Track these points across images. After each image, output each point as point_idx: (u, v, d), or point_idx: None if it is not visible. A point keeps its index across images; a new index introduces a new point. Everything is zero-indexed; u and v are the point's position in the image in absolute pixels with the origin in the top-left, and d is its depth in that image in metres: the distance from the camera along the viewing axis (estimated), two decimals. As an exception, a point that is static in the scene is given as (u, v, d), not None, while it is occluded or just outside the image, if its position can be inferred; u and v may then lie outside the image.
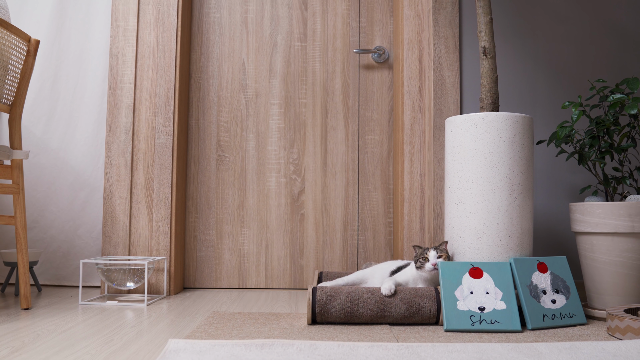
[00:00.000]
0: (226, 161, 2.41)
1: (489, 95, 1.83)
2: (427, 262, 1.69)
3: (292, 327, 1.56)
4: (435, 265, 1.68)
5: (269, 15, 2.44)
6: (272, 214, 2.39)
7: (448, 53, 2.21)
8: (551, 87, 2.25)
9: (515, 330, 1.54)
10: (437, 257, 1.69)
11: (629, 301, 1.73)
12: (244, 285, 2.38)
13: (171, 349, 1.25)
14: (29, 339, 1.41)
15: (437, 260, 1.68)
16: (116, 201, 2.18)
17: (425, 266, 1.69)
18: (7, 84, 1.84)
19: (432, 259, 1.69)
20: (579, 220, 1.80)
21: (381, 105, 2.42)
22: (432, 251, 1.70)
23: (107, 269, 2.01)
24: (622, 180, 1.85)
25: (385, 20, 2.43)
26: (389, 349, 1.28)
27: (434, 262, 1.68)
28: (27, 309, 1.85)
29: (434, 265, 1.68)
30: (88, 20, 2.42)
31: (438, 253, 1.70)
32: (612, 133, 1.85)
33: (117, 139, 2.19)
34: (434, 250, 1.70)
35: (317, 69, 2.43)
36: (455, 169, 1.78)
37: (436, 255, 1.69)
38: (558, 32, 2.26)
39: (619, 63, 2.26)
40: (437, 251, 1.70)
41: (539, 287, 1.65)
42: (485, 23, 1.85)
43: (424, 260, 1.70)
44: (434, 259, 1.69)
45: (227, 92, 2.42)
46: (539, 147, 2.23)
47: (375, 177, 2.41)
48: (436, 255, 1.69)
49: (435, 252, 1.70)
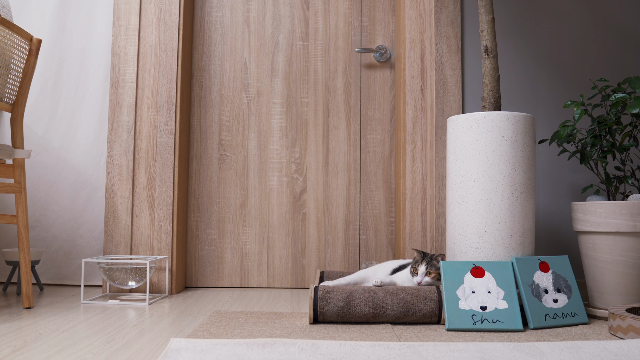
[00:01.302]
0: (228, 160, 2.41)
1: (490, 94, 1.83)
2: (416, 275, 1.68)
3: (294, 327, 1.56)
4: (420, 283, 1.67)
5: (271, 14, 2.44)
6: (273, 213, 2.39)
7: (450, 52, 2.21)
8: (553, 86, 2.25)
9: (517, 330, 1.54)
10: (425, 275, 1.67)
11: (631, 300, 1.73)
12: (245, 284, 2.38)
13: (173, 348, 1.25)
14: (31, 338, 1.42)
15: (424, 279, 1.66)
16: (118, 200, 2.18)
17: (414, 278, 1.69)
18: (9, 83, 1.84)
19: (420, 276, 1.67)
20: (580, 219, 1.80)
21: (383, 105, 2.42)
22: (422, 266, 1.68)
23: (108, 268, 2.01)
24: (624, 179, 1.85)
25: (387, 19, 2.43)
26: (390, 348, 1.28)
27: (419, 281, 1.67)
28: (29, 308, 1.85)
29: (419, 284, 1.67)
30: (90, 20, 2.42)
31: (427, 269, 1.67)
32: (614, 132, 1.85)
33: (119, 138, 2.19)
34: (424, 266, 1.68)
35: (319, 68, 2.43)
36: (457, 168, 1.78)
37: (424, 272, 1.67)
38: (560, 31, 2.26)
39: (621, 62, 2.25)
40: (427, 267, 1.67)
41: (541, 286, 1.65)
42: (487, 22, 1.84)
43: (414, 270, 1.70)
44: (421, 276, 1.67)
45: (228, 91, 2.42)
46: (541, 147, 2.23)
47: (377, 176, 2.41)
48: (424, 272, 1.67)
49: (425, 268, 1.67)
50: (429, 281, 1.67)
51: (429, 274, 1.67)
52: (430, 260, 1.69)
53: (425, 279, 1.67)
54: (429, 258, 1.70)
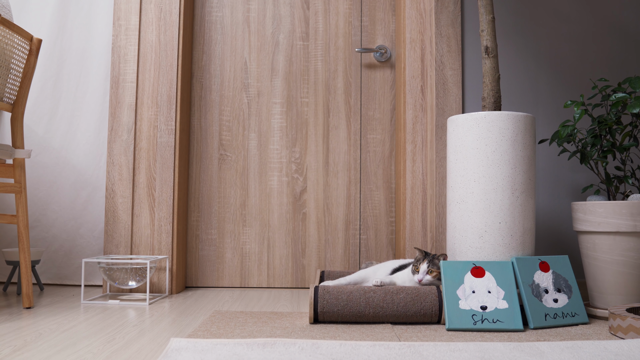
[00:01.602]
0: (228, 160, 2.41)
1: (491, 94, 1.83)
2: (417, 273, 1.69)
3: (294, 326, 1.56)
4: (421, 281, 1.67)
5: (271, 14, 2.44)
6: (274, 213, 2.39)
7: (450, 52, 2.21)
8: (553, 86, 2.25)
9: (517, 330, 1.54)
10: (426, 273, 1.67)
11: (631, 300, 1.73)
12: (245, 284, 2.38)
13: (173, 347, 1.25)
14: (31, 338, 1.42)
15: (425, 277, 1.67)
16: (118, 200, 2.18)
17: (414, 276, 1.70)
18: (9, 82, 1.84)
19: (421, 274, 1.68)
20: (581, 219, 1.80)
21: (383, 105, 2.42)
22: (424, 264, 1.68)
23: (109, 268, 2.01)
24: (624, 179, 1.85)
25: (387, 19, 2.43)
26: (391, 348, 1.28)
27: (420, 279, 1.67)
28: (29, 307, 1.85)
29: (419, 282, 1.68)
30: (90, 20, 2.42)
31: (429, 268, 1.67)
32: (614, 132, 1.85)
33: (119, 138, 2.19)
34: (426, 264, 1.68)
35: (319, 68, 2.43)
36: (457, 168, 1.78)
37: (426, 271, 1.67)
38: (560, 31, 2.26)
39: (621, 62, 2.25)
40: (429, 265, 1.68)
41: (541, 286, 1.65)
42: (487, 22, 1.84)
43: (415, 269, 1.70)
44: (422, 274, 1.67)
45: (229, 91, 2.42)
46: (541, 147, 2.23)
47: (377, 176, 2.41)
48: (426, 271, 1.67)
49: (427, 266, 1.68)
50: (430, 280, 1.67)
51: (431, 272, 1.67)
52: (432, 259, 1.69)
53: (426, 277, 1.67)
54: (431, 257, 1.70)
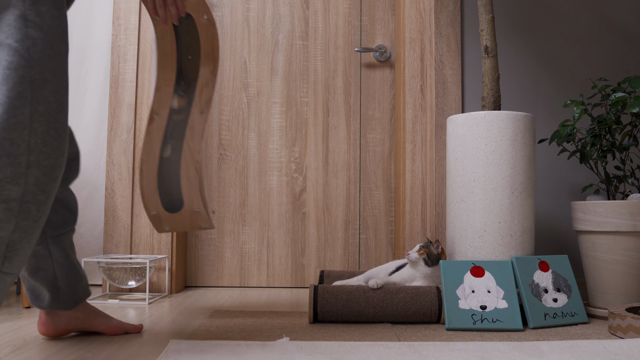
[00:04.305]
0: (228, 160, 2.41)
1: (490, 93, 1.83)
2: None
3: (293, 326, 1.56)
4: (409, 254, 1.73)
5: (271, 13, 2.44)
6: (273, 213, 2.39)
7: (450, 52, 2.21)
8: (553, 85, 2.25)
9: (517, 329, 1.54)
10: (416, 252, 1.72)
11: (631, 300, 1.73)
12: (245, 283, 2.38)
13: (172, 348, 1.25)
14: (31, 338, 1.42)
15: (414, 254, 1.72)
16: (118, 200, 2.18)
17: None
18: (8, 82, 1.84)
19: (412, 252, 1.73)
20: (580, 219, 1.80)
21: (383, 104, 2.42)
22: (417, 246, 1.75)
23: (108, 268, 2.01)
24: (624, 179, 1.85)
25: (386, 18, 2.43)
26: (390, 347, 1.28)
27: (409, 253, 1.73)
28: (29, 307, 1.85)
29: (408, 255, 1.73)
30: (89, 19, 2.42)
31: (421, 249, 1.73)
32: (613, 132, 1.85)
33: (119, 137, 2.19)
34: (419, 245, 1.74)
35: (319, 68, 2.43)
36: (456, 168, 1.78)
37: (417, 250, 1.73)
38: (560, 31, 2.26)
39: (621, 61, 2.25)
40: (421, 246, 1.73)
41: (541, 285, 1.65)
42: (486, 21, 1.84)
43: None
44: (413, 252, 1.73)
45: (228, 91, 2.42)
46: (541, 146, 2.23)
47: (376, 175, 2.41)
48: (417, 250, 1.73)
49: (419, 246, 1.74)
50: (416, 257, 1.71)
51: (419, 251, 1.72)
52: (427, 244, 1.74)
53: (413, 254, 1.72)
54: (428, 242, 1.76)
